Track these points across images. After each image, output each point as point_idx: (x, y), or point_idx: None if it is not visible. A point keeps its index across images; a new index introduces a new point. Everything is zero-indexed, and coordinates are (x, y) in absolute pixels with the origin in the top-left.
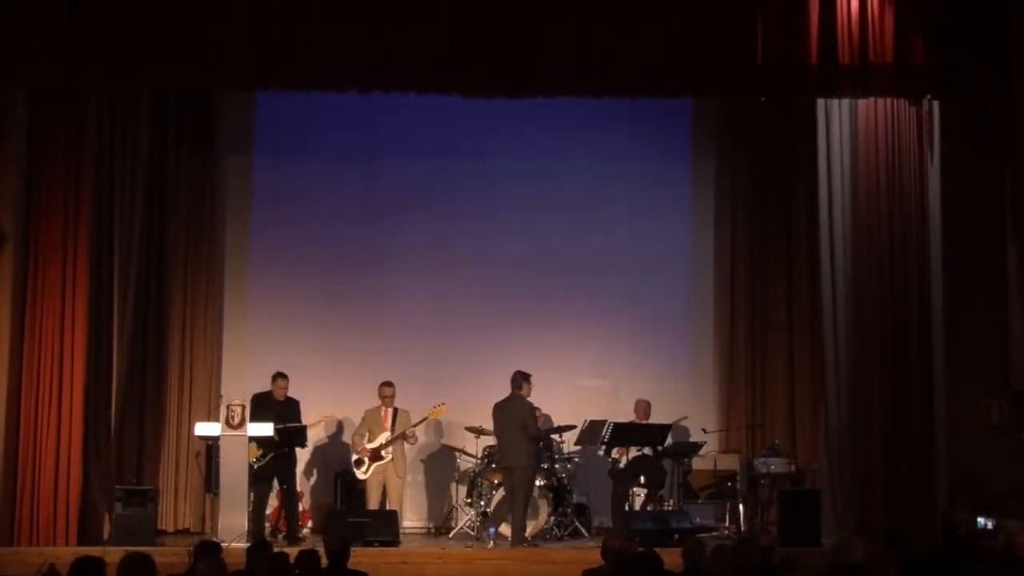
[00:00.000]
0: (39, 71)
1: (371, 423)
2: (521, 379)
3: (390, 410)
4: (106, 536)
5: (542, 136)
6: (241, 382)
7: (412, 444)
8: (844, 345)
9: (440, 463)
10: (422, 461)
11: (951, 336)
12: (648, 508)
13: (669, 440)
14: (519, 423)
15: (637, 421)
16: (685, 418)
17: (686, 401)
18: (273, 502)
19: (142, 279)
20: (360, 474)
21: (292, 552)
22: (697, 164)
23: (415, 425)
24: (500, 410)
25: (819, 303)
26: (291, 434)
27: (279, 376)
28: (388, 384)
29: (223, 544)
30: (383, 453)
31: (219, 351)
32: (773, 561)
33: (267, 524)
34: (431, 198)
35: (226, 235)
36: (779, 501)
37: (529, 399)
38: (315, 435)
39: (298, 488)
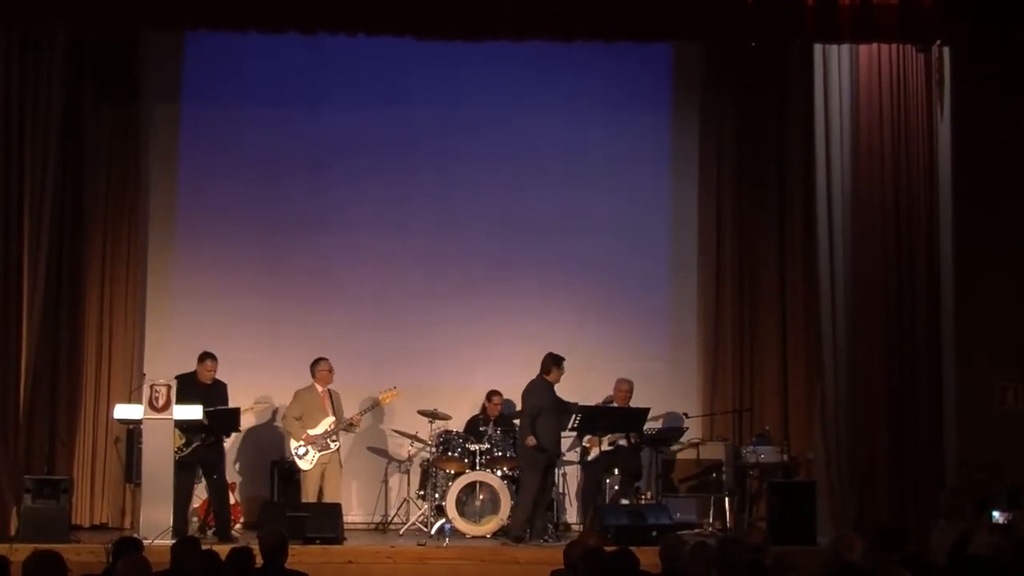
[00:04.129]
0: None
1: (307, 406)
2: (550, 363)
3: (327, 391)
4: (13, 532)
5: (505, 82)
6: (165, 359)
7: (355, 432)
8: (843, 320)
9: (387, 450)
10: (368, 449)
11: (962, 310)
12: (622, 502)
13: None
14: (525, 409)
15: (617, 405)
16: (666, 416)
17: (665, 382)
18: (201, 494)
19: (55, 244)
20: (305, 464)
21: (223, 550)
22: (679, 113)
23: (364, 411)
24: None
25: (815, 271)
26: (223, 418)
27: (206, 356)
28: (326, 360)
29: (145, 541)
30: (329, 442)
31: (141, 324)
32: (764, 561)
33: (195, 519)
34: (382, 152)
35: (150, 193)
36: (769, 494)
37: (551, 382)
38: (247, 420)
39: (228, 479)
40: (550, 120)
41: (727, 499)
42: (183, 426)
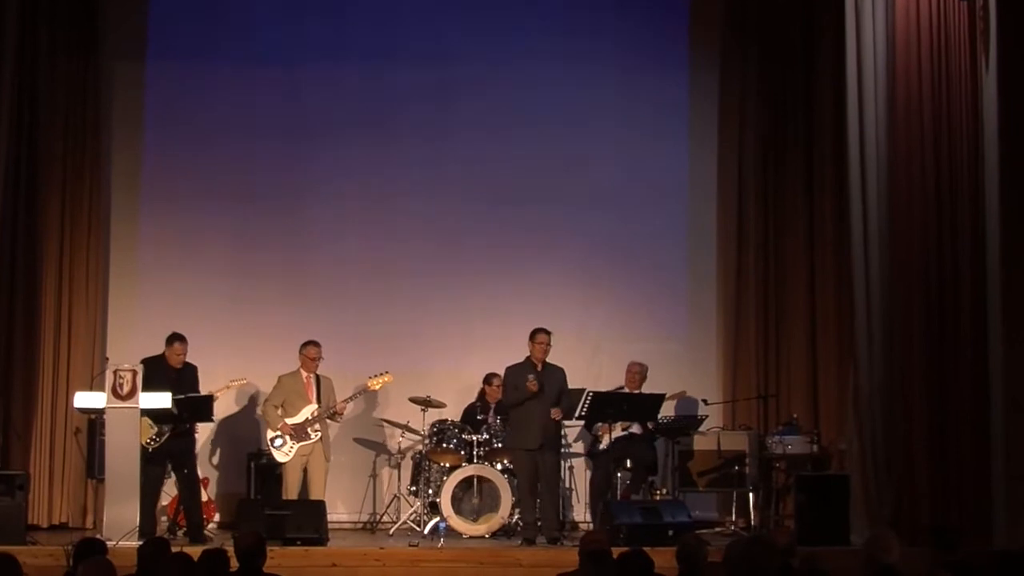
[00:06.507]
0: None
1: (289, 392)
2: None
3: (312, 377)
4: None
5: (505, 37)
6: (131, 342)
7: (339, 422)
8: (878, 295)
9: (376, 442)
10: (355, 440)
11: (1010, 283)
12: (635, 497)
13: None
14: None
15: (627, 390)
16: (683, 394)
17: (683, 365)
18: (171, 491)
19: (8, 217)
20: (281, 456)
21: (195, 552)
22: (696, 70)
23: (350, 399)
24: None
25: (846, 242)
26: (194, 406)
27: (175, 338)
28: (315, 344)
29: (109, 543)
30: (309, 431)
31: (104, 304)
32: (792, 564)
33: (164, 518)
34: (369, 115)
35: (112, 161)
36: (798, 489)
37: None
38: (222, 407)
39: (200, 474)
40: (553, 80)
41: (751, 494)
42: (153, 415)
